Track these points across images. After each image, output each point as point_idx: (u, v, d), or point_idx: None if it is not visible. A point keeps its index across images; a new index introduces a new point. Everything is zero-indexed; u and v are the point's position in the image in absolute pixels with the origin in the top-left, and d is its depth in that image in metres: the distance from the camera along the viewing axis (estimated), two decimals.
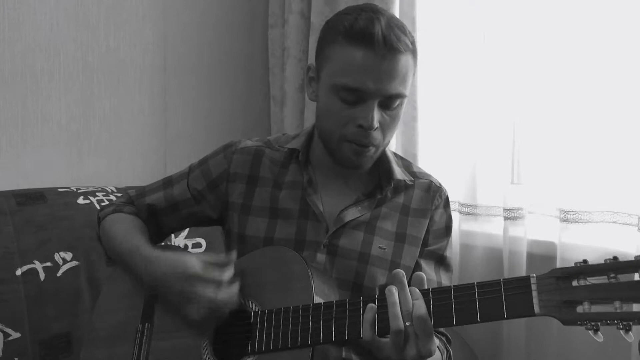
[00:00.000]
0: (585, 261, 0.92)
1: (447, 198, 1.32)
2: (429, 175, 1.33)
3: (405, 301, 1.00)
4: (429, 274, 1.26)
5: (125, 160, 2.09)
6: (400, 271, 1.03)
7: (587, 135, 1.62)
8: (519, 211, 1.73)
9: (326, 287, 1.14)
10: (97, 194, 1.76)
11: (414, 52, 1.16)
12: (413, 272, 1.24)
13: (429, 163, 1.92)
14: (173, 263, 1.14)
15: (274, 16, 2.26)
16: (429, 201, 1.29)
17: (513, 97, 1.75)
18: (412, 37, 1.17)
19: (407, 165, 1.34)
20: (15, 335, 1.53)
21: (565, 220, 1.64)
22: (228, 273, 1.13)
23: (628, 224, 1.59)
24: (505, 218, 1.74)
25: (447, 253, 1.31)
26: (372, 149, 1.19)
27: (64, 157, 1.96)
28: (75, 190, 1.75)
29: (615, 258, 0.89)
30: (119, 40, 2.05)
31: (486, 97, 1.81)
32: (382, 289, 1.03)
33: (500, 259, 1.77)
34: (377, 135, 1.17)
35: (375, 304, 1.03)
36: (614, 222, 1.61)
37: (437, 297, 1.00)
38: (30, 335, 1.54)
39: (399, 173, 1.28)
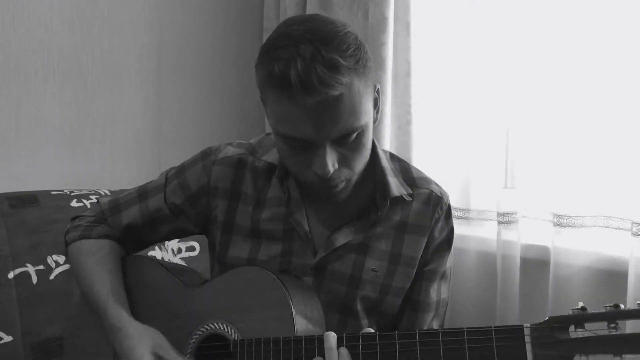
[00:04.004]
0: (584, 308, 0.87)
1: (448, 208, 1.21)
2: (429, 183, 1.21)
3: None
4: (430, 296, 1.21)
5: (119, 163, 2.08)
6: (331, 335, 0.99)
7: (580, 140, 1.62)
8: (512, 215, 1.73)
9: (309, 310, 1.10)
10: (90, 197, 1.75)
11: (360, 72, 0.98)
12: (409, 291, 1.21)
13: (423, 167, 1.90)
14: (128, 348, 1.11)
15: (268, 20, 2.26)
16: (428, 216, 1.18)
17: (507, 101, 1.75)
18: (356, 53, 0.98)
19: (405, 170, 1.21)
20: (7, 338, 1.52)
21: (559, 225, 1.64)
22: None
23: (621, 229, 1.59)
24: (499, 222, 1.75)
25: (448, 265, 1.23)
26: (343, 184, 1.06)
27: (58, 160, 1.96)
28: (68, 193, 1.74)
29: (616, 305, 0.84)
30: (114, 42, 2.05)
31: (480, 101, 1.82)
32: (365, 336, 1.01)
33: (494, 264, 1.77)
34: (341, 173, 1.04)
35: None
36: (607, 227, 1.62)
37: (425, 340, 0.96)
38: (22, 338, 1.53)
39: (396, 188, 1.16)
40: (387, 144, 1.94)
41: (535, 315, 0.97)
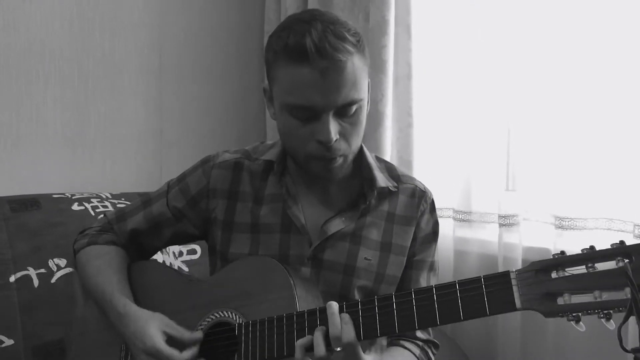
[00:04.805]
0: (563, 252, 0.93)
1: (432, 202, 1.30)
2: (413, 179, 1.31)
3: (333, 325, 1.02)
4: (420, 285, 1.28)
5: (120, 166, 2.08)
6: (334, 303, 1.04)
7: (582, 142, 1.62)
8: (514, 218, 1.73)
9: (309, 296, 1.13)
10: (91, 200, 1.75)
11: (360, 51, 1.12)
12: (401, 281, 1.27)
13: (424, 170, 1.92)
14: (137, 330, 1.15)
15: (269, 22, 2.26)
16: (414, 207, 1.27)
17: (508, 103, 1.75)
18: (357, 35, 1.12)
19: (389, 168, 1.31)
20: (8, 342, 1.52)
21: (560, 227, 1.64)
22: (189, 353, 1.12)
23: (623, 231, 1.59)
24: (500, 225, 1.74)
25: (435, 258, 1.32)
26: (340, 159, 1.15)
27: (59, 163, 1.96)
28: (69, 196, 1.75)
29: (592, 247, 0.90)
30: (115, 44, 2.05)
31: (481, 104, 1.82)
32: (364, 302, 1.04)
33: (495, 266, 1.77)
34: (340, 145, 1.14)
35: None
36: (609, 229, 1.62)
37: (420, 297, 1.00)
38: (24, 342, 1.54)
39: (381, 180, 1.25)
40: (388, 146, 1.94)
41: (536, 317, 0.98)
